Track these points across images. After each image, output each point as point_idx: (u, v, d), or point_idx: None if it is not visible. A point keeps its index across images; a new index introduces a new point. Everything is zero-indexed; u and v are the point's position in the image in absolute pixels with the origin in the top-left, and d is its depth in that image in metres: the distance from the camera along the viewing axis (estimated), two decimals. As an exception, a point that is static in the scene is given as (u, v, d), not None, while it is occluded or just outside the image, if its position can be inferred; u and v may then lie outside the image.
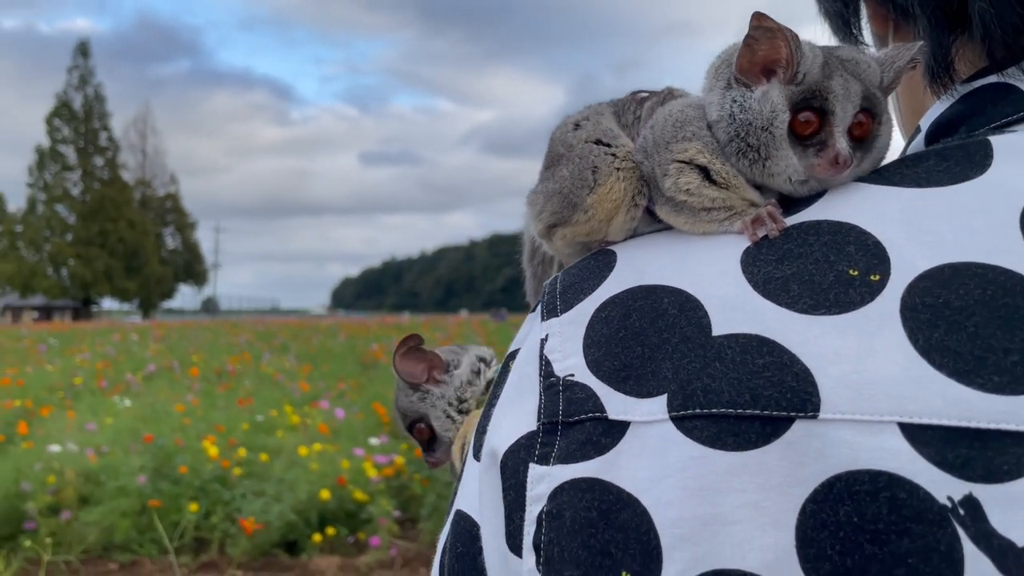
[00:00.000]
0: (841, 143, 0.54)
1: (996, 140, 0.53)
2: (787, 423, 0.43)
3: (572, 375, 0.50)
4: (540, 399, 0.50)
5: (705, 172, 0.57)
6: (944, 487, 0.40)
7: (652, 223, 0.61)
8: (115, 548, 5.27)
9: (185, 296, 72.13)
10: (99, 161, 52.14)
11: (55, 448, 5.90)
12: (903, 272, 0.46)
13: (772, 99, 0.54)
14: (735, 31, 0.58)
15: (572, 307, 0.53)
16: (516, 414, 0.51)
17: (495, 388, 0.57)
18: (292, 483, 5.47)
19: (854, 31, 0.69)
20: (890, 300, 0.45)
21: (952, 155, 0.53)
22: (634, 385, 0.47)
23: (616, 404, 0.47)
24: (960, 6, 0.57)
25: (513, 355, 0.57)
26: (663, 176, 0.58)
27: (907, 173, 0.53)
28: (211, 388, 9.12)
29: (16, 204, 53.11)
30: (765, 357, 0.45)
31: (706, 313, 0.48)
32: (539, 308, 0.56)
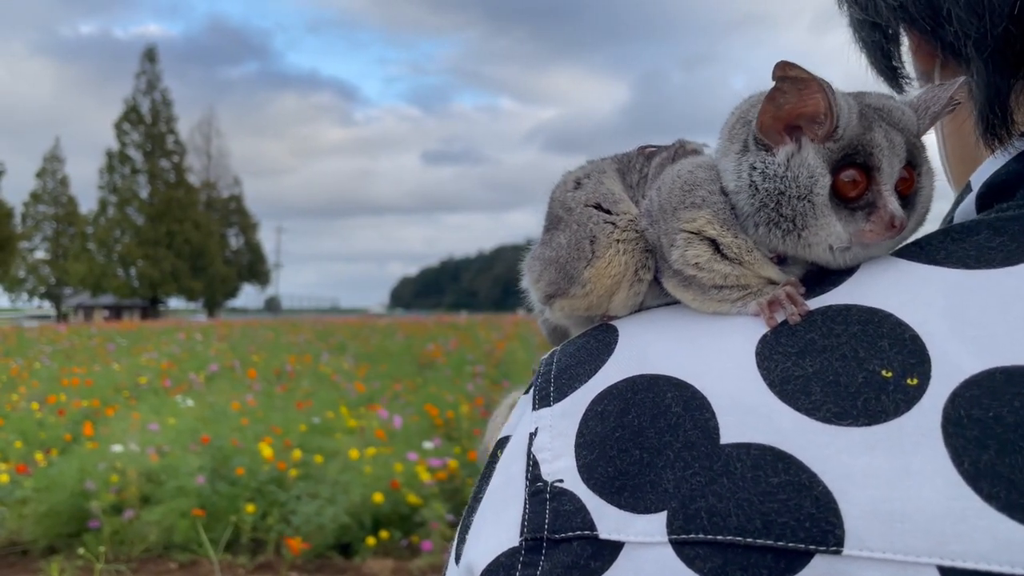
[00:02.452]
0: (893, 203, 0.47)
1: None
2: (805, 557, 0.37)
3: (561, 480, 0.44)
4: (525, 508, 0.44)
5: (716, 245, 0.50)
6: None
7: (662, 295, 0.55)
8: (175, 548, 5.37)
9: (249, 295, 73.73)
10: (166, 164, 53.47)
11: (118, 448, 6.04)
12: (946, 376, 0.39)
13: (808, 163, 0.47)
14: (809, 23, 0.47)
15: (566, 396, 0.47)
16: (498, 524, 0.45)
17: (479, 482, 0.51)
18: (346, 486, 5.50)
19: (895, 63, 0.61)
20: (930, 410, 0.38)
21: (1008, 228, 0.45)
22: (630, 498, 0.41)
23: (609, 520, 0.41)
24: (1023, 49, 0.48)
25: (503, 443, 0.51)
26: (670, 247, 0.52)
27: (953, 249, 0.45)
28: (270, 388, 9.25)
29: (88, 207, 55.08)
30: (780, 475, 0.38)
31: (714, 414, 0.41)
32: (532, 393, 0.50)
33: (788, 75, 0.45)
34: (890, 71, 0.61)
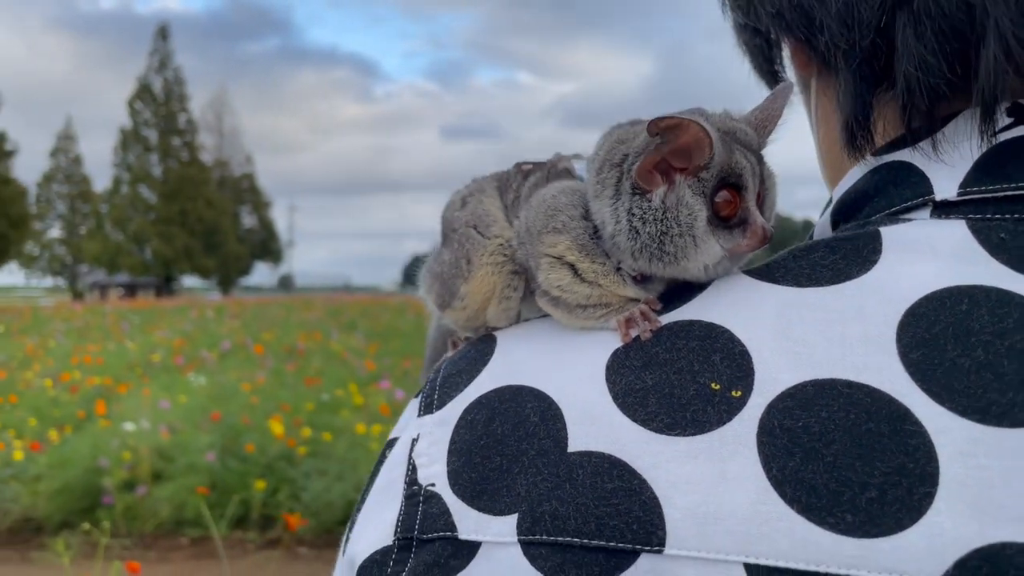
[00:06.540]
0: (761, 217, 0.50)
1: (887, 232, 0.47)
2: (632, 556, 0.40)
3: (433, 484, 0.47)
4: (401, 509, 0.48)
5: (575, 269, 0.53)
6: None
7: (540, 309, 0.57)
8: (186, 523, 5.45)
9: (262, 273, 74.01)
10: (178, 142, 53.65)
11: (130, 426, 6.12)
12: (766, 388, 0.42)
13: (686, 201, 0.49)
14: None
15: (445, 404, 0.51)
16: (377, 523, 0.49)
17: (368, 481, 0.54)
18: (354, 463, 5.55)
19: (776, 68, 0.63)
20: (748, 421, 0.41)
21: (841, 247, 0.48)
22: (488, 501, 0.45)
23: (469, 522, 0.45)
24: (887, 63, 0.50)
25: (390, 444, 0.54)
26: (536, 269, 0.55)
27: (792, 267, 0.48)
28: (281, 366, 9.32)
29: (103, 184, 55.23)
30: (615, 481, 0.42)
31: (565, 425, 0.45)
32: (420, 398, 0.53)
33: (662, 127, 0.47)
34: (771, 75, 0.63)
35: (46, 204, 55.69)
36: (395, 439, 0.54)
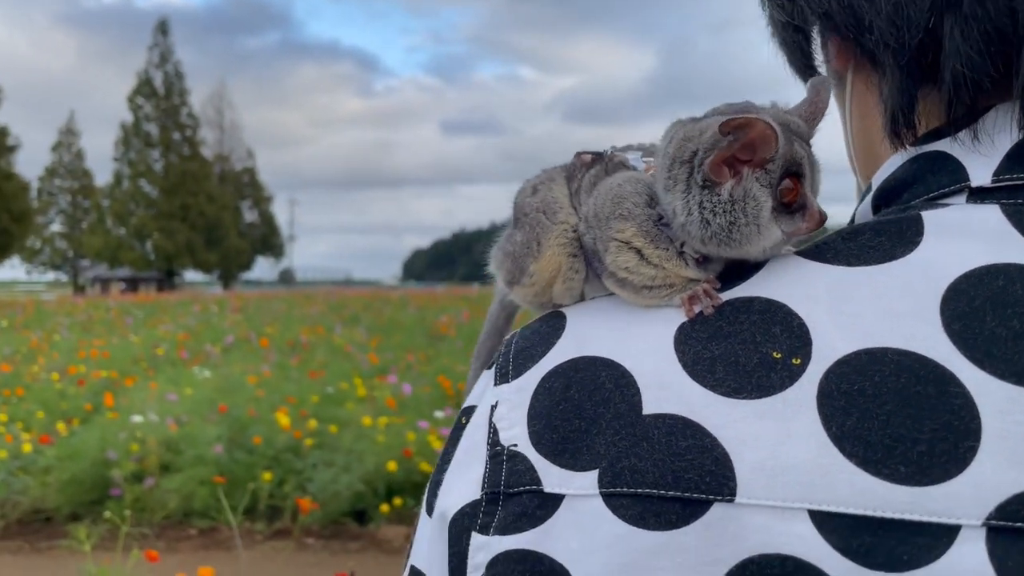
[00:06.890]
0: (816, 202, 0.55)
1: (928, 215, 0.52)
2: (706, 505, 0.45)
3: (515, 445, 0.52)
4: (486, 467, 0.53)
5: (641, 253, 0.58)
6: (847, 574, 0.42)
7: (604, 288, 0.62)
8: (195, 514, 5.51)
9: (263, 268, 73.89)
10: (179, 137, 53.58)
11: (138, 418, 6.17)
12: (823, 356, 0.47)
13: (753, 193, 0.53)
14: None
15: (521, 374, 0.55)
16: (464, 480, 0.54)
17: (447, 447, 0.59)
18: (360, 454, 5.62)
19: (813, 63, 0.66)
20: (808, 385, 0.46)
21: (886, 230, 0.52)
22: (569, 459, 0.49)
23: (552, 477, 0.49)
24: (934, 60, 0.54)
25: (468, 412, 0.58)
26: (604, 252, 0.59)
27: (841, 248, 0.53)
28: (285, 360, 9.37)
29: (105, 179, 55.18)
30: (688, 440, 0.47)
31: (638, 390, 0.50)
32: (494, 369, 0.58)
33: (732, 127, 0.51)
34: (806, 68, 0.67)
35: (48, 199, 55.70)
36: (472, 407, 0.58)
